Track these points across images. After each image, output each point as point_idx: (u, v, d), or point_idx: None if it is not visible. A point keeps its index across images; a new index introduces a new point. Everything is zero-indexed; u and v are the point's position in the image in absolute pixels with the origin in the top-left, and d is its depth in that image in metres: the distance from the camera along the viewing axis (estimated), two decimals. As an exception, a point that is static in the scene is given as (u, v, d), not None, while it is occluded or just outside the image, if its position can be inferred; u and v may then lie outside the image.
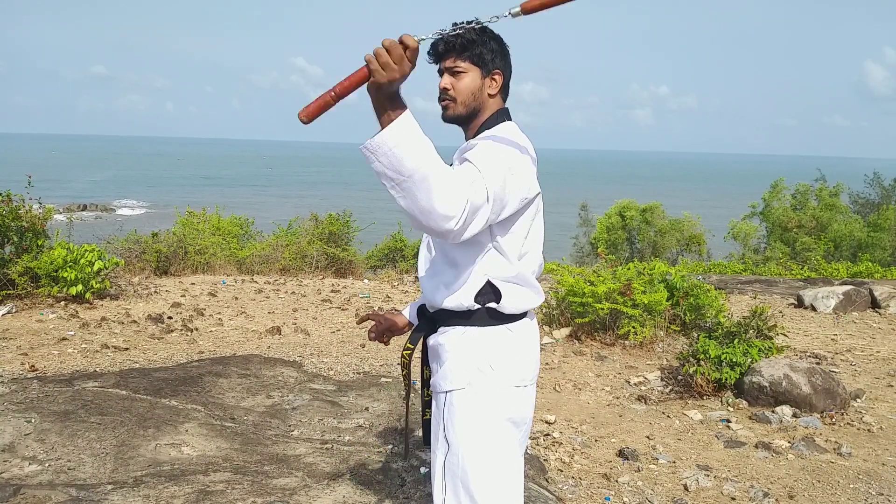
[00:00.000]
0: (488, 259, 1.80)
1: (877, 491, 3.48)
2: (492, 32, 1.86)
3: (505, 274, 1.82)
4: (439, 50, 1.87)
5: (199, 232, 11.06)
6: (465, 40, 1.83)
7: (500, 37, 1.89)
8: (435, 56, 1.88)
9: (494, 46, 1.86)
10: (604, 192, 62.32)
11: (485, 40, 1.85)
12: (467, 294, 1.82)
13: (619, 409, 4.72)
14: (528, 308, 1.89)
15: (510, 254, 1.80)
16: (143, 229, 11.13)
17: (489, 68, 1.87)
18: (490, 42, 1.86)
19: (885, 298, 8.12)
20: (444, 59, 1.87)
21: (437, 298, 1.87)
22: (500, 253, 1.80)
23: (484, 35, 1.84)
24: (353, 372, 5.17)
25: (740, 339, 4.95)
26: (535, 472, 3.47)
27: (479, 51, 1.84)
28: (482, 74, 1.86)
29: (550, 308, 6.65)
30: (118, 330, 6.03)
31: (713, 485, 3.51)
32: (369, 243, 13.81)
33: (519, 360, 1.86)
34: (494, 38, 1.87)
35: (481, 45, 1.84)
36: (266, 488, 3.08)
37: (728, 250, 24.07)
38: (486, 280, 1.81)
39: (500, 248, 1.79)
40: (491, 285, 1.82)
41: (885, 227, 22.29)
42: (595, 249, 24.68)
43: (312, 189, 72.20)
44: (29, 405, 3.90)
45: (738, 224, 25.46)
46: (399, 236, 13.78)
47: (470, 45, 1.84)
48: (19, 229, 6.93)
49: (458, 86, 1.86)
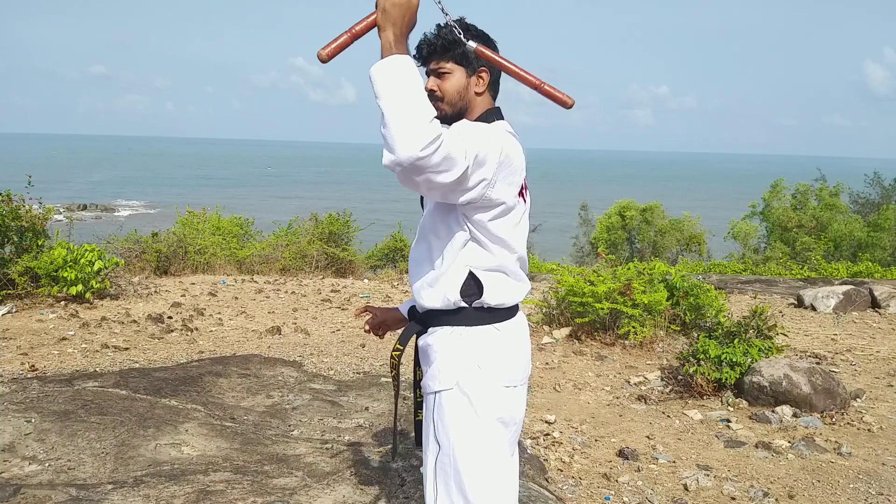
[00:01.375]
0: (469, 251, 1.80)
1: (877, 491, 3.48)
2: (475, 31, 1.86)
3: (486, 264, 1.81)
4: (423, 53, 1.88)
5: (199, 232, 11.05)
6: (447, 41, 1.84)
7: (486, 34, 1.88)
8: (420, 59, 1.89)
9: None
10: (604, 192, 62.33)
11: (467, 39, 1.84)
12: (452, 288, 1.82)
13: (619, 408, 4.72)
14: (513, 300, 1.88)
15: (490, 245, 1.80)
16: (143, 229, 11.13)
17: (474, 67, 1.87)
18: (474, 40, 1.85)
19: (885, 298, 8.12)
20: (429, 62, 1.88)
21: (423, 298, 1.87)
22: (480, 245, 1.80)
23: (466, 34, 1.84)
24: (353, 372, 5.17)
25: (740, 339, 4.95)
26: (535, 472, 3.47)
27: (461, 50, 1.84)
28: (467, 73, 1.87)
29: (550, 308, 6.65)
30: (118, 330, 6.03)
31: (713, 484, 3.51)
32: (369, 243, 13.81)
33: (507, 360, 1.86)
34: (478, 35, 1.85)
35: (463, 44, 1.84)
36: (266, 488, 3.08)
37: (728, 250, 24.08)
38: (468, 271, 1.81)
39: (479, 240, 1.79)
40: (473, 277, 1.81)
41: (885, 227, 22.30)
42: (595, 249, 24.70)
43: (312, 189, 72.22)
44: (29, 405, 3.90)
45: (738, 224, 25.48)
46: (399, 236, 13.78)
47: (452, 46, 1.84)
48: (19, 229, 6.93)
49: (444, 87, 1.87)
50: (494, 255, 1.81)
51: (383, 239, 13.98)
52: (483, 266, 1.82)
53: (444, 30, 1.85)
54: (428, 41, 1.86)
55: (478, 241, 1.79)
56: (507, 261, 1.84)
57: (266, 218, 17.28)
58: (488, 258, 1.81)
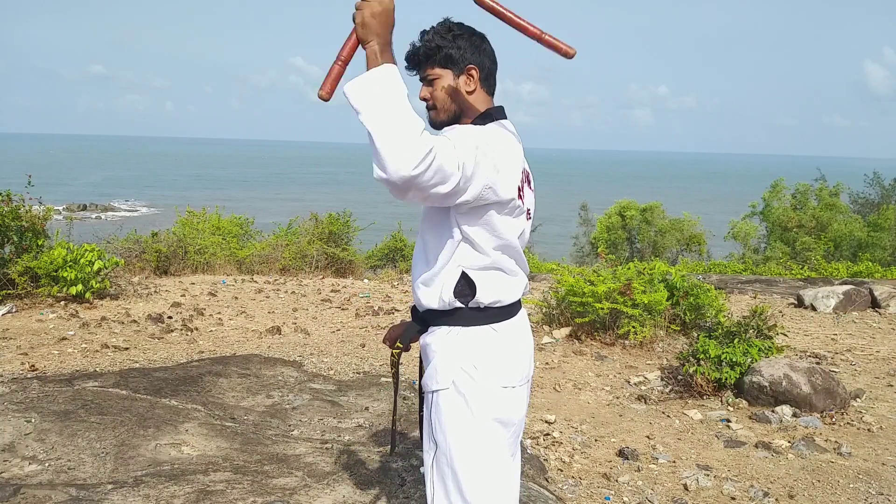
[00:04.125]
0: (461, 251, 1.80)
1: (877, 491, 3.48)
2: (458, 29, 1.85)
3: (479, 263, 1.81)
4: (412, 63, 1.88)
5: (198, 232, 11.05)
6: (429, 48, 1.84)
7: (471, 29, 1.87)
8: (411, 70, 1.90)
9: (462, 43, 1.84)
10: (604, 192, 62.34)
11: (449, 40, 1.83)
12: (446, 288, 1.81)
13: (619, 408, 4.72)
14: (510, 298, 1.87)
15: (483, 245, 1.79)
16: (143, 229, 11.12)
17: (461, 66, 1.85)
18: (457, 40, 1.84)
19: (885, 298, 8.12)
20: (420, 71, 1.88)
21: (420, 297, 1.88)
22: (472, 245, 1.79)
23: (448, 34, 1.83)
24: (353, 372, 5.17)
25: (740, 339, 4.95)
26: (535, 471, 3.47)
27: (444, 53, 1.83)
28: (454, 74, 1.85)
29: (550, 308, 6.66)
30: (118, 330, 6.03)
31: (713, 484, 3.51)
32: (369, 243, 13.81)
33: (505, 361, 1.85)
34: (461, 34, 1.84)
35: (446, 46, 1.83)
36: (266, 488, 3.08)
37: (728, 250, 24.09)
38: (460, 271, 1.81)
39: (471, 240, 1.78)
40: (466, 277, 1.81)
41: (885, 227, 22.30)
42: (595, 249, 24.71)
43: (312, 189, 72.23)
44: (29, 405, 3.90)
45: (738, 224, 25.49)
46: (399, 236, 13.78)
47: (434, 51, 1.84)
48: (19, 229, 6.93)
49: (435, 93, 1.86)
50: (488, 253, 1.80)
51: (383, 239, 13.98)
52: (476, 266, 1.81)
53: (426, 36, 1.85)
54: (414, 51, 1.86)
55: (470, 241, 1.78)
56: (502, 258, 1.83)
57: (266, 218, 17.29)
58: (481, 258, 1.80)
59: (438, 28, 1.85)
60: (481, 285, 1.81)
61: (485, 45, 1.88)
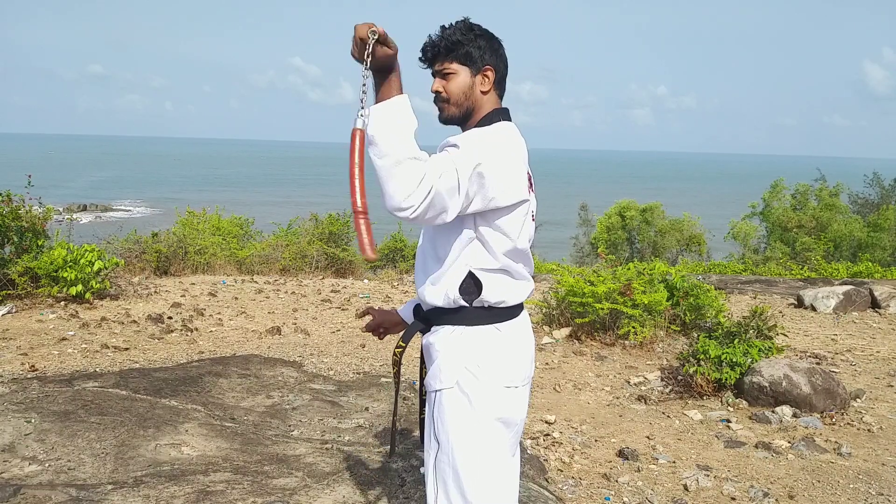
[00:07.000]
0: (471, 250, 1.80)
1: (877, 491, 3.48)
2: (479, 30, 1.87)
3: (488, 265, 1.81)
4: (428, 55, 1.88)
5: (199, 232, 11.06)
6: (451, 42, 1.84)
7: (490, 32, 1.89)
8: (426, 62, 1.90)
9: (482, 43, 1.86)
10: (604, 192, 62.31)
11: (471, 38, 1.85)
12: (452, 286, 1.82)
13: (619, 409, 4.72)
14: (515, 299, 1.88)
15: (494, 247, 1.80)
16: (143, 229, 11.13)
17: (478, 66, 1.87)
18: (477, 39, 1.86)
19: (885, 298, 8.12)
20: (434, 64, 1.89)
21: (426, 295, 1.88)
22: (484, 245, 1.80)
23: (470, 33, 1.84)
24: (353, 372, 5.17)
25: (740, 339, 4.95)
26: (535, 472, 3.47)
27: (465, 50, 1.84)
28: (472, 73, 1.87)
29: (550, 308, 6.65)
30: (118, 330, 6.03)
31: (713, 485, 3.51)
32: (369, 243, 13.77)
33: (508, 361, 1.86)
34: (482, 34, 1.86)
35: (467, 43, 1.84)
36: (266, 488, 3.08)
37: (728, 250, 24.07)
38: (468, 271, 1.81)
39: (484, 241, 1.79)
40: (473, 276, 1.81)
41: (885, 227, 22.30)
42: (595, 249, 24.70)
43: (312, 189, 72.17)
44: (29, 405, 3.90)
45: (738, 224, 25.47)
46: (399, 236, 13.78)
47: (456, 46, 1.84)
48: (19, 229, 6.93)
49: (449, 87, 1.87)
50: (497, 252, 1.81)
51: (383, 239, 13.98)
52: (484, 266, 1.82)
53: (447, 31, 1.86)
54: (432, 43, 1.87)
55: (483, 241, 1.79)
56: (510, 258, 1.84)
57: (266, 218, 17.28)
58: (490, 260, 1.81)
59: (460, 25, 1.86)
60: (487, 285, 1.82)
61: (501, 49, 1.91)
